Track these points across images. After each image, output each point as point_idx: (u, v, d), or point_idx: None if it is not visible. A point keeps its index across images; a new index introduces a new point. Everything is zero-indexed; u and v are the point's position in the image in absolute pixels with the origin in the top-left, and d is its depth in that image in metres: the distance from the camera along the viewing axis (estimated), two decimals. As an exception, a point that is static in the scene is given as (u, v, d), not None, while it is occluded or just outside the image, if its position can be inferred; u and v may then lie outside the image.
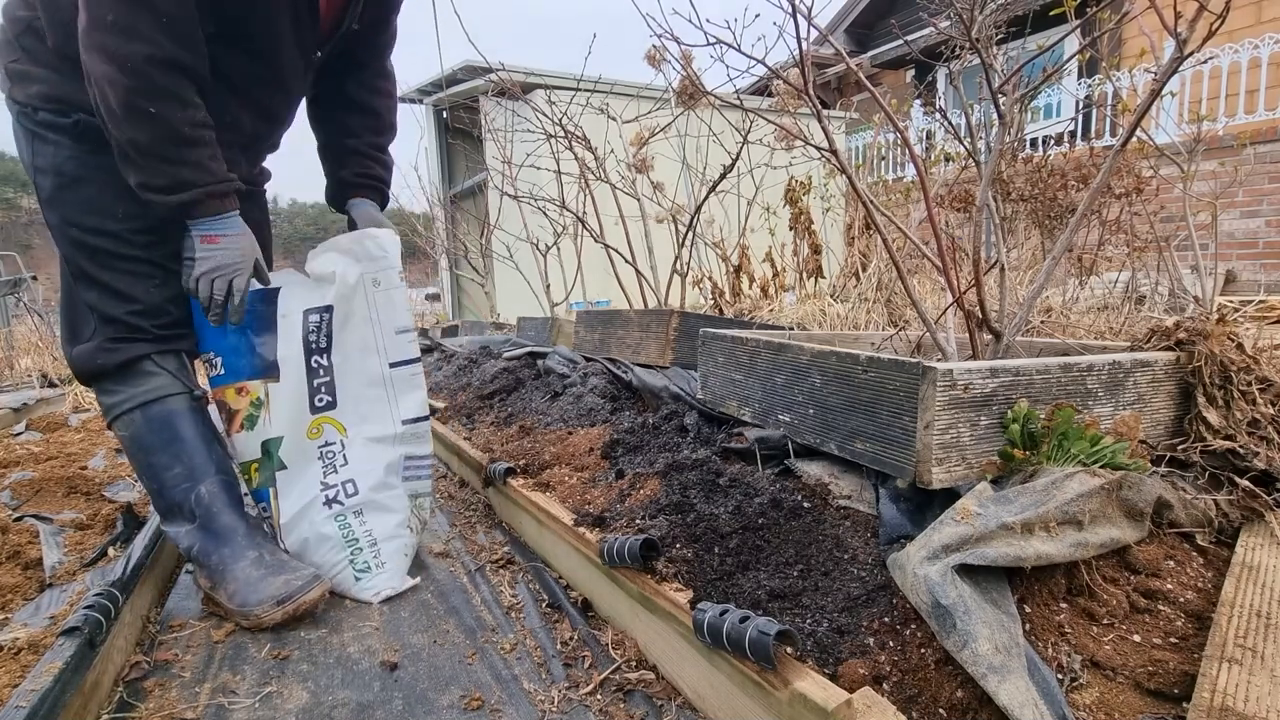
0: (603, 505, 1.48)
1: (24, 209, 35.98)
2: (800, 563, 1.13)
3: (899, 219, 1.92)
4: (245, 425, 1.46)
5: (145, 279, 1.41)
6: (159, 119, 1.23)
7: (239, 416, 1.46)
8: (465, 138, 7.66)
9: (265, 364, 1.46)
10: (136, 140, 1.24)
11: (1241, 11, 6.63)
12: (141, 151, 1.25)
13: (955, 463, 1.12)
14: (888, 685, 0.88)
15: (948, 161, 3.62)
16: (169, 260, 1.44)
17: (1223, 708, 0.74)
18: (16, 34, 1.35)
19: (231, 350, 1.45)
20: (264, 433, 1.46)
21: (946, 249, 1.42)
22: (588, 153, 3.24)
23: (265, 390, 1.45)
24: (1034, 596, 0.95)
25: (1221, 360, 1.28)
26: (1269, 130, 5.54)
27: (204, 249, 1.35)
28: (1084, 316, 2.57)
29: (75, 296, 1.43)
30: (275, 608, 1.32)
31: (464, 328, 5.67)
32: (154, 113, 1.22)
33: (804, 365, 1.43)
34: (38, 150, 1.36)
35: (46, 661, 0.99)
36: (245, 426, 1.46)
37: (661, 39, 1.85)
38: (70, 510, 1.89)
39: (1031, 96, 2.11)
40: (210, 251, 1.35)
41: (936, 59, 2.27)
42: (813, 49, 1.64)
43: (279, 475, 1.47)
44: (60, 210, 1.37)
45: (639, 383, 2.27)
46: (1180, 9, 1.18)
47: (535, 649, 1.24)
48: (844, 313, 2.92)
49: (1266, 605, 0.93)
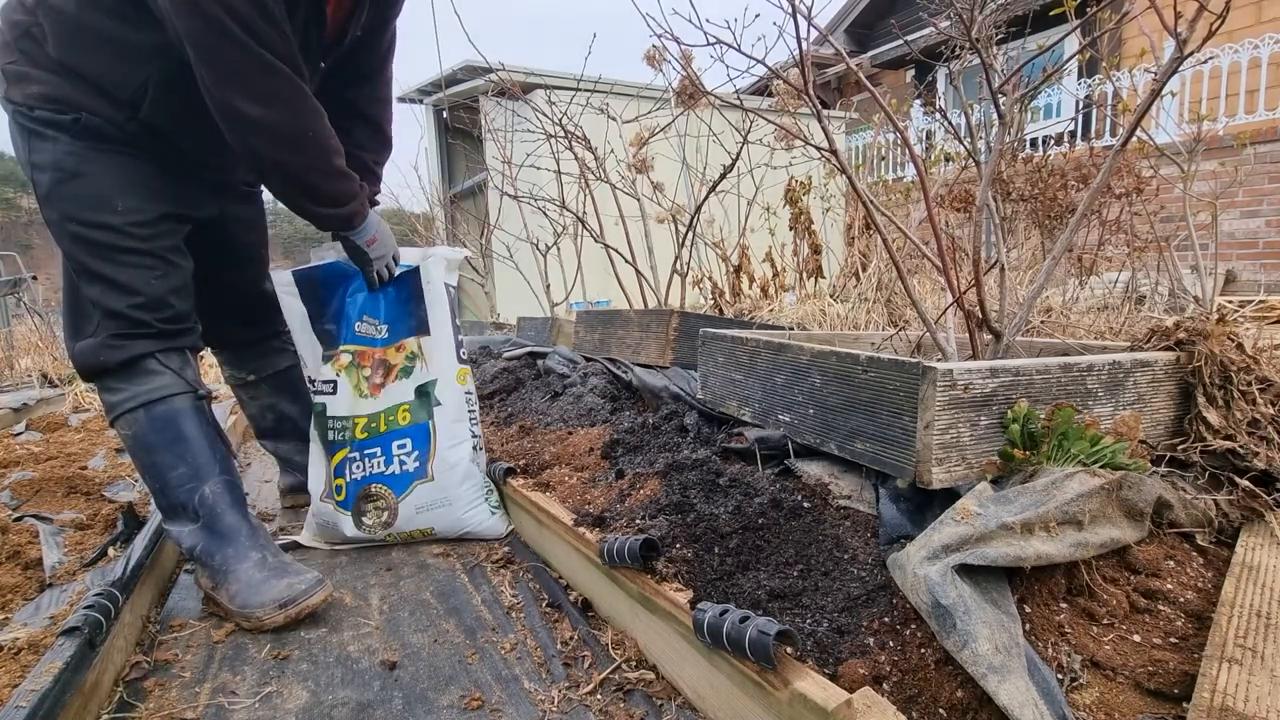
0: (603, 505, 1.48)
1: (24, 209, 35.94)
2: (800, 563, 1.13)
3: (899, 219, 1.92)
4: (400, 375, 1.71)
5: (147, 270, 1.41)
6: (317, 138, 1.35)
7: (395, 369, 1.71)
8: (465, 138, 7.65)
9: (418, 323, 1.74)
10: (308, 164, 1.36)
11: (1241, 11, 6.63)
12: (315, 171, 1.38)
13: (955, 463, 1.12)
14: (888, 685, 0.88)
15: (948, 161, 3.62)
16: (169, 252, 1.45)
17: (1223, 708, 0.74)
18: (14, 37, 1.35)
19: (394, 319, 1.73)
20: (419, 378, 1.72)
21: (946, 249, 1.42)
22: (588, 153, 3.23)
23: (419, 344, 1.73)
24: (1034, 596, 0.95)
25: (1221, 360, 1.28)
26: (1269, 130, 5.54)
27: (373, 250, 1.59)
28: (1084, 316, 2.57)
29: (78, 293, 1.43)
30: (277, 611, 1.32)
31: (464, 328, 5.65)
32: (311, 134, 1.33)
33: (804, 365, 1.43)
34: (35, 147, 1.36)
35: (46, 661, 0.99)
36: (400, 376, 1.71)
37: (661, 39, 1.85)
38: (70, 510, 1.89)
39: (1031, 96, 2.11)
40: (379, 251, 1.60)
41: (936, 59, 2.27)
42: (813, 49, 1.64)
43: (436, 411, 1.71)
44: (59, 206, 1.37)
45: (639, 383, 2.27)
46: (1180, 9, 1.18)
47: (535, 649, 1.24)
48: (844, 313, 2.92)
49: (1266, 605, 0.93)
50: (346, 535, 1.69)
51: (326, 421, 1.71)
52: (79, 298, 1.43)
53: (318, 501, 1.72)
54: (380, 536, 1.71)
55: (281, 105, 1.27)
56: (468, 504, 1.72)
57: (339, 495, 1.70)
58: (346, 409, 1.71)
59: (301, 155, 1.35)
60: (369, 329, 1.73)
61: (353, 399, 1.71)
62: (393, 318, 1.75)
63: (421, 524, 1.71)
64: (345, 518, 1.69)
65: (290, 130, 1.31)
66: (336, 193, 1.45)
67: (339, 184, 1.44)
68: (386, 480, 1.69)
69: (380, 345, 1.74)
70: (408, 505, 1.69)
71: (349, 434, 1.70)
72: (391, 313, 1.75)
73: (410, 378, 1.72)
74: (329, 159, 1.39)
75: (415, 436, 1.71)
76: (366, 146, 1.75)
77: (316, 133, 1.35)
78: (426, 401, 1.72)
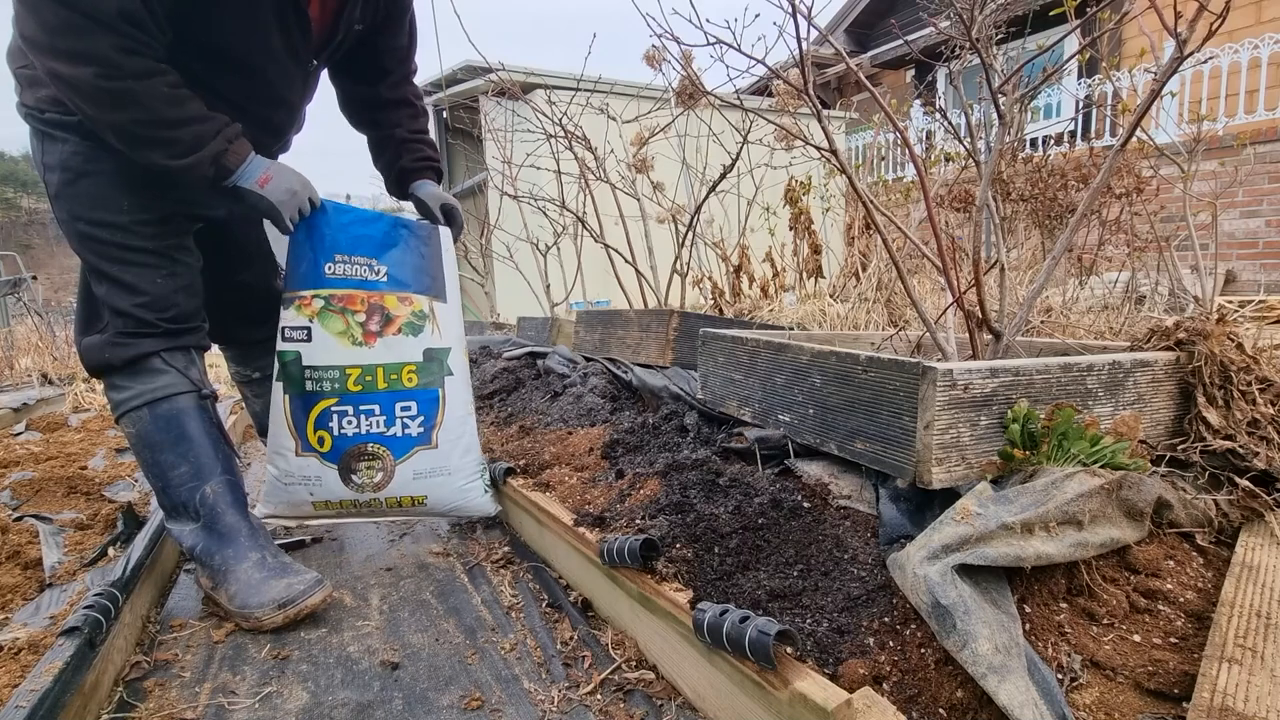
0: (603, 505, 1.48)
1: (24, 209, 35.94)
2: (800, 563, 1.13)
3: (899, 219, 1.92)
4: (405, 330, 1.64)
5: (152, 269, 1.42)
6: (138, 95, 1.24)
7: (398, 320, 1.64)
8: (465, 138, 7.65)
9: (432, 283, 1.69)
10: (133, 119, 1.26)
11: (1241, 11, 6.63)
12: (145, 125, 1.27)
13: (955, 463, 1.12)
14: (888, 685, 0.88)
15: (948, 161, 3.62)
16: (176, 251, 1.46)
17: (1223, 708, 0.74)
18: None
19: (398, 264, 1.65)
20: (430, 342, 1.67)
21: (946, 249, 1.42)
22: (588, 153, 3.23)
23: (431, 306, 1.68)
24: (1034, 596, 0.95)
25: (1221, 360, 1.28)
26: (1269, 130, 5.54)
27: (269, 190, 1.41)
28: (1084, 316, 2.57)
29: (90, 289, 1.45)
30: (276, 611, 1.33)
31: (464, 328, 5.66)
32: (136, 90, 1.24)
33: (804, 365, 1.43)
34: (47, 149, 1.39)
35: (46, 661, 0.99)
36: (404, 331, 1.64)
37: (661, 39, 1.85)
38: (70, 510, 1.89)
39: (1031, 96, 2.11)
40: (274, 188, 1.42)
41: (936, 59, 2.27)
42: (813, 49, 1.64)
43: (448, 380, 1.68)
44: (68, 205, 1.39)
45: (639, 383, 2.27)
46: (1180, 9, 1.18)
47: (535, 649, 1.25)
48: (844, 313, 2.92)
49: (1266, 605, 0.93)
50: (332, 491, 1.59)
51: (303, 371, 1.58)
52: (92, 295, 1.45)
53: (292, 458, 1.58)
54: (366, 499, 1.61)
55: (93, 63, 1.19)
56: (467, 477, 1.69)
57: (322, 447, 1.59)
58: (333, 358, 1.59)
59: (125, 110, 1.25)
60: (352, 269, 1.61)
61: (341, 346, 1.59)
62: (398, 264, 1.66)
63: (416, 490, 1.64)
64: (331, 471, 1.58)
65: (107, 88, 1.22)
66: (188, 139, 1.31)
67: (187, 130, 1.31)
68: (386, 441, 1.61)
69: (376, 289, 1.63)
70: (405, 469, 1.62)
71: (338, 384, 1.59)
72: (397, 259, 1.66)
73: (418, 337, 1.65)
74: (162, 109, 1.27)
75: (421, 400, 1.65)
76: (402, 123, 1.78)
77: (142, 87, 1.24)
78: (438, 368, 1.67)
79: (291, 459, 1.58)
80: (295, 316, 1.58)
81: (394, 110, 1.78)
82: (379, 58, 1.69)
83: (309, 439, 1.59)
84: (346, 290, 1.61)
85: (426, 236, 1.72)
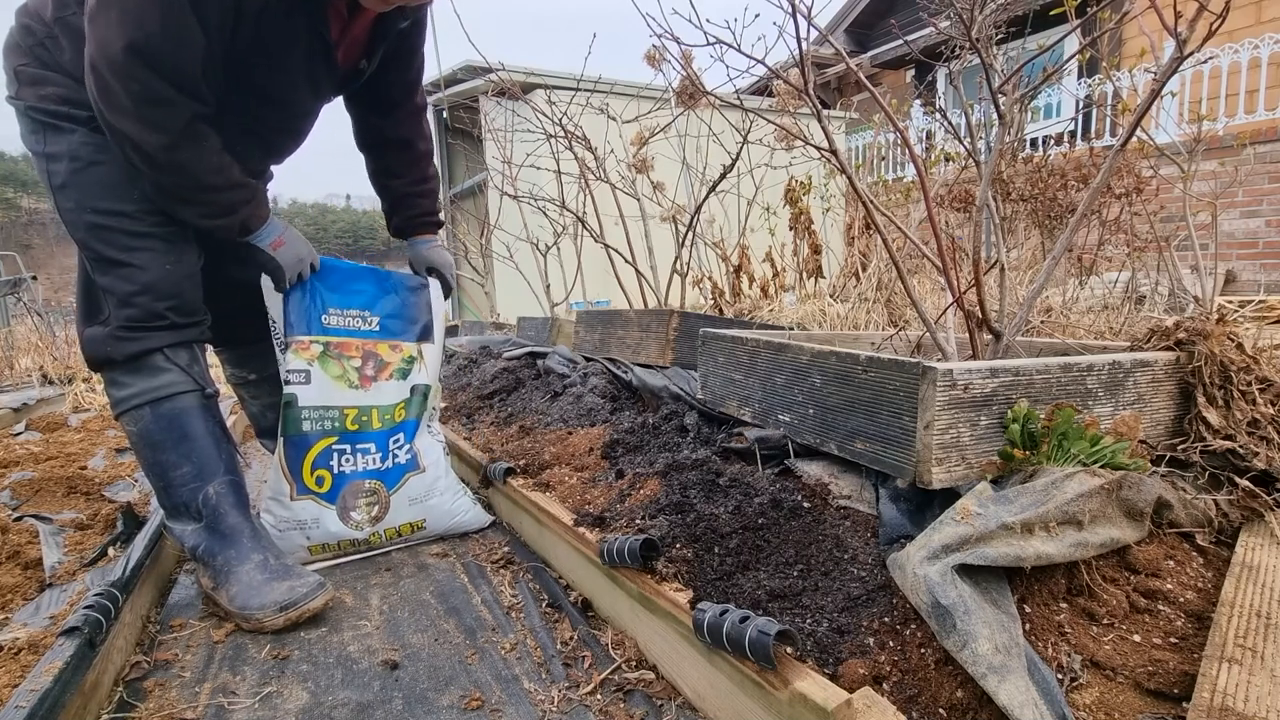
0: (603, 505, 1.48)
1: (24, 209, 35.91)
2: (800, 563, 1.13)
3: (899, 219, 1.92)
4: (395, 375, 1.76)
5: (161, 255, 1.42)
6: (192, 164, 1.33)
7: (390, 367, 1.76)
8: (465, 138, 7.65)
9: (421, 330, 1.83)
10: (180, 184, 1.35)
11: (1241, 11, 6.63)
12: (189, 189, 1.36)
13: (955, 463, 1.12)
14: (888, 685, 0.88)
15: (948, 161, 3.62)
16: (179, 239, 1.47)
17: (1223, 708, 0.74)
18: (29, 44, 1.37)
19: (390, 315, 1.79)
20: (416, 379, 1.79)
21: (946, 249, 1.42)
22: (588, 153, 3.23)
23: (419, 350, 1.82)
24: (1034, 596, 0.95)
25: (1221, 360, 1.28)
26: (1269, 130, 5.54)
27: (280, 254, 1.55)
28: (1084, 316, 2.57)
29: (90, 281, 1.44)
30: (277, 613, 1.32)
31: (464, 328, 5.66)
32: (191, 159, 1.32)
33: (804, 365, 1.43)
34: (50, 139, 1.37)
35: (46, 661, 0.99)
36: (395, 376, 1.76)
37: (661, 39, 1.85)
38: (70, 510, 1.89)
39: (1031, 96, 2.11)
40: (285, 253, 1.55)
41: (936, 59, 2.27)
42: (813, 49, 1.64)
43: (427, 413, 1.80)
44: (76, 194, 1.38)
45: (639, 383, 2.27)
46: (1180, 9, 1.18)
47: (535, 649, 1.24)
48: (844, 313, 2.92)
49: (1266, 605, 0.93)
50: (330, 532, 1.62)
51: (300, 412, 1.62)
52: (92, 286, 1.44)
53: (288, 502, 1.60)
54: (365, 535, 1.66)
55: (166, 134, 1.27)
56: (454, 494, 1.79)
57: (321, 488, 1.62)
58: (330, 399, 1.65)
59: (175, 175, 1.34)
60: (345, 320, 1.73)
61: (338, 389, 1.66)
62: (390, 315, 1.79)
63: (414, 516, 1.72)
64: (329, 511, 1.62)
65: (166, 159, 1.30)
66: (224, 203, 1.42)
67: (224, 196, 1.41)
68: (381, 475, 1.68)
69: (369, 337, 1.76)
70: (399, 497, 1.69)
71: (337, 424, 1.65)
72: (388, 310, 1.79)
73: (407, 379, 1.78)
74: (208, 177, 1.37)
75: (409, 430, 1.75)
76: (400, 173, 1.83)
77: (197, 156, 1.34)
78: (421, 402, 1.79)
79: (288, 503, 1.61)
80: (295, 360, 1.64)
81: (396, 153, 1.82)
82: (388, 90, 1.72)
83: (305, 481, 1.62)
84: (342, 339, 1.71)
85: (416, 288, 1.86)
